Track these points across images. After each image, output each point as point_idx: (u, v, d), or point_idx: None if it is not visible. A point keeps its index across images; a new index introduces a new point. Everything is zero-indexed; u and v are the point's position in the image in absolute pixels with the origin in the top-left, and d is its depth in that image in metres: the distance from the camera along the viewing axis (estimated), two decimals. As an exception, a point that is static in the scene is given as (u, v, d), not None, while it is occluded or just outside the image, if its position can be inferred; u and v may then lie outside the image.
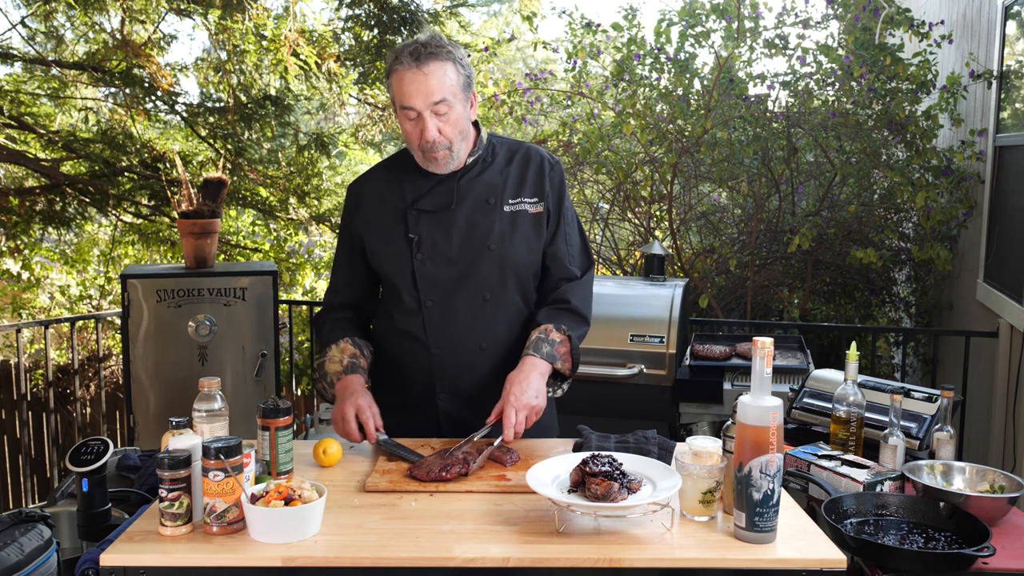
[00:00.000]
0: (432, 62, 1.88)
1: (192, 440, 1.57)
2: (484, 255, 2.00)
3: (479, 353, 2.03)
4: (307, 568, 1.43)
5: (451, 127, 1.92)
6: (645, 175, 5.23)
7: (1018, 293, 3.52)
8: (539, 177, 2.06)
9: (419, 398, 2.07)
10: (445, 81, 1.89)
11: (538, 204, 2.05)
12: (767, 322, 4.76)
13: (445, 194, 2.01)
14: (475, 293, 2.01)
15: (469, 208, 2.01)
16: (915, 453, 2.17)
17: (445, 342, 2.02)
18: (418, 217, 2.01)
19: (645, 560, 1.43)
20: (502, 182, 2.04)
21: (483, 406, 1.96)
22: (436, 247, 2.00)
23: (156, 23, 5.35)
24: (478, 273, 2.00)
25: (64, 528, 2.09)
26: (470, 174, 2.03)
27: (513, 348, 2.04)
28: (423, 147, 1.93)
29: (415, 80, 1.87)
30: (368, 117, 6.36)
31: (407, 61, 1.88)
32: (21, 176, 5.55)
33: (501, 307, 2.03)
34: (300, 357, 5.93)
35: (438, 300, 2.01)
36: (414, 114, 1.90)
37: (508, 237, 2.01)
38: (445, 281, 2.00)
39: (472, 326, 2.02)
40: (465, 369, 2.03)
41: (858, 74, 4.40)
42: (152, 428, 3.56)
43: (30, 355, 5.68)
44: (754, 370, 1.49)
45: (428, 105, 1.88)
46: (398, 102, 1.92)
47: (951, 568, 1.60)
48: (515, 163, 2.07)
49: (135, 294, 3.51)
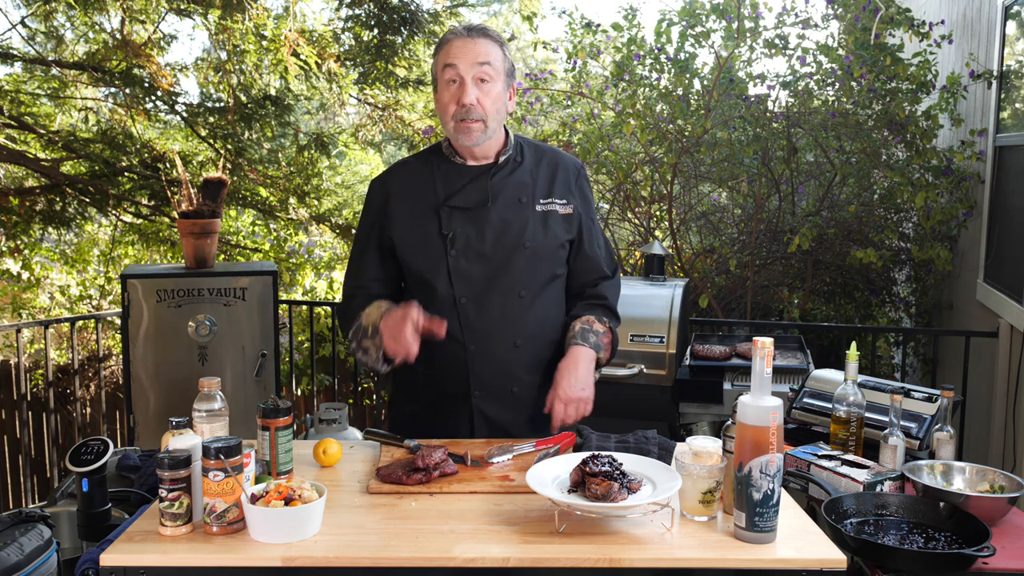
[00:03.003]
0: (483, 37, 1.96)
1: (192, 440, 1.57)
2: (519, 252, 2.01)
3: (513, 350, 2.03)
4: (307, 568, 1.43)
5: (490, 101, 1.95)
6: (645, 175, 5.23)
7: (1018, 293, 3.52)
8: (569, 180, 2.11)
9: (453, 396, 2.05)
10: (492, 53, 1.95)
11: (567, 206, 2.08)
12: (767, 322, 4.76)
13: (479, 191, 2.02)
14: (510, 290, 2.02)
15: (502, 206, 2.02)
16: (915, 453, 2.17)
17: (480, 339, 2.01)
18: (450, 214, 2.01)
19: (645, 560, 1.43)
20: (532, 182, 2.07)
21: (516, 403, 2.02)
22: (470, 244, 2.00)
23: (156, 23, 5.35)
24: (512, 270, 2.01)
25: (64, 528, 2.09)
26: (502, 172, 2.05)
27: (544, 345, 2.07)
28: (458, 114, 1.94)
29: (464, 45, 1.94)
30: (368, 117, 6.36)
31: (460, 32, 1.97)
32: (21, 176, 5.55)
33: (535, 304, 2.05)
34: (300, 357, 5.93)
35: (472, 297, 2.00)
36: (455, 76, 1.93)
37: (541, 235, 2.03)
38: (479, 278, 2.00)
39: (507, 323, 2.02)
40: (500, 366, 2.03)
41: (858, 74, 4.40)
42: (152, 428, 3.56)
43: (30, 355, 5.68)
44: (754, 370, 1.49)
45: (471, 67, 1.93)
46: (441, 62, 1.96)
47: (951, 568, 1.60)
48: (544, 164, 2.10)
49: (135, 294, 3.51)
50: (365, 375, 6.03)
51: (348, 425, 3.49)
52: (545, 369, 2.07)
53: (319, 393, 5.91)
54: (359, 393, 5.85)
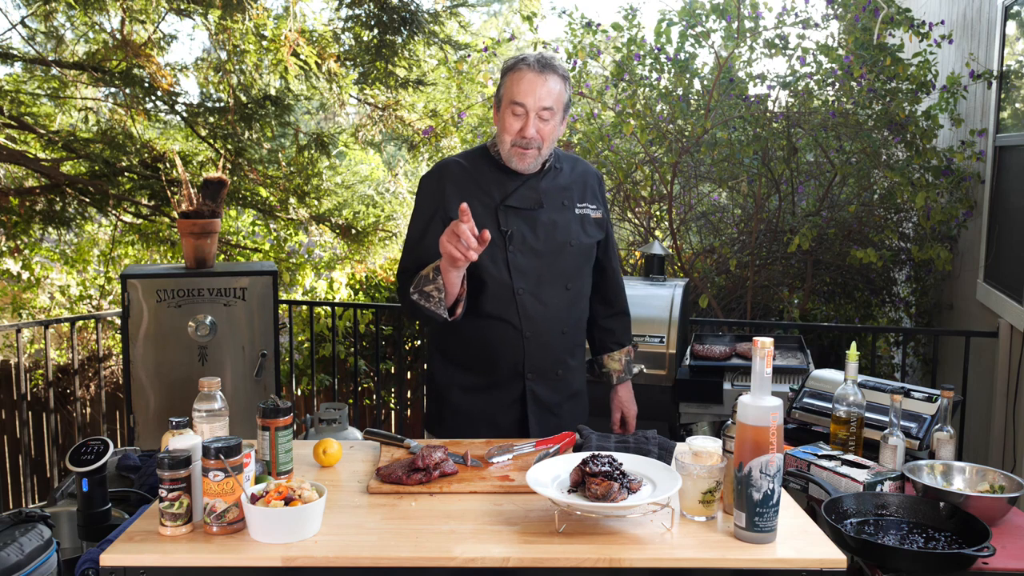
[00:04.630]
0: (553, 75, 2.11)
1: (192, 440, 1.57)
2: (566, 250, 2.23)
3: (561, 337, 2.25)
4: (307, 568, 1.43)
5: (548, 133, 2.14)
6: (645, 175, 5.23)
7: (1018, 293, 3.52)
8: (595, 187, 2.35)
9: (508, 378, 2.22)
10: (556, 92, 2.11)
11: (597, 211, 2.32)
12: (767, 322, 4.76)
13: (532, 194, 2.21)
14: (560, 283, 2.23)
15: (550, 208, 2.23)
16: (915, 453, 2.17)
17: (535, 327, 2.20)
18: (507, 213, 2.18)
19: (645, 560, 1.43)
20: (570, 188, 2.28)
21: (560, 384, 2.27)
22: (525, 241, 2.19)
23: (156, 23, 5.35)
24: (561, 265, 2.23)
25: (64, 528, 2.09)
26: (547, 178, 2.24)
27: (581, 332, 2.35)
28: (519, 142, 2.12)
29: (535, 81, 2.09)
30: (368, 117, 6.37)
31: (533, 64, 2.11)
32: (21, 176, 5.54)
33: (578, 296, 2.29)
34: (300, 357, 5.93)
35: (528, 289, 2.19)
36: (522, 111, 2.10)
37: (582, 235, 2.27)
38: (534, 272, 2.19)
39: (557, 312, 2.23)
40: (550, 351, 2.24)
41: (858, 74, 4.40)
42: (152, 428, 3.56)
43: (30, 355, 5.68)
44: (754, 370, 1.50)
45: (537, 107, 2.09)
46: (509, 96, 2.12)
47: (951, 568, 1.60)
48: (577, 172, 2.32)
49: (135, 294, 3.51)
50: (365, 375, 6.04)
51: (348, 425, 3.49)
52: (580, 354, 2.35)
53: (319, 393, 5.92)
54: (359, 393, 5.84)
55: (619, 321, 2.48)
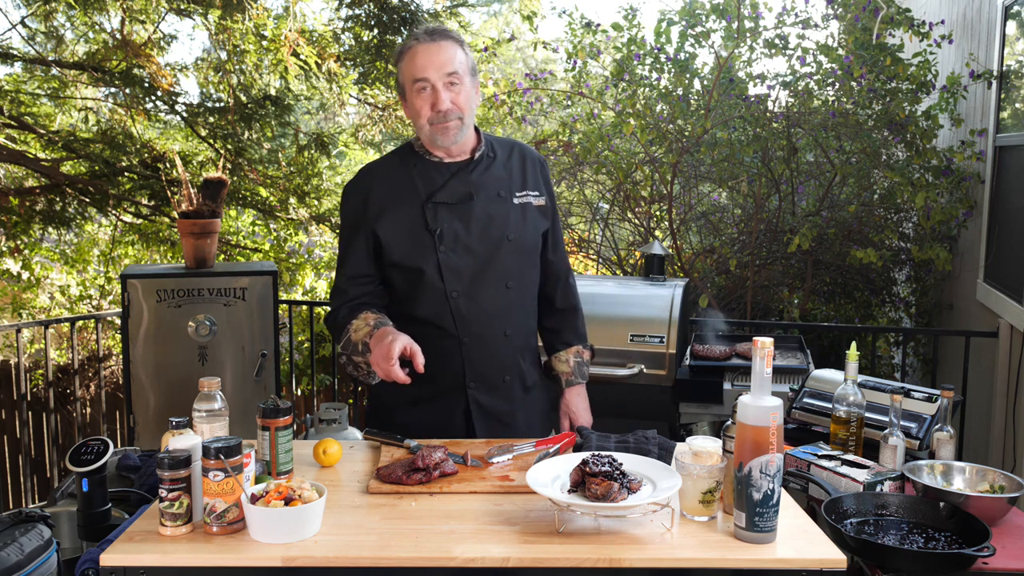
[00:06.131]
0: (446, 40, 2.00)
1: (192, 440, 1.57)
2: (504, 245, 2.07)
3: (504, 340, 2.10)
4: (307, 568, 1.43)
5: (464, 101, 2.01)
6: (645, 175, 5.23)
7: (1018, 293, 3.52)
8: (537, 172, 2.18)
9: (449, 388, 2.09)
10: (457, 57, 1.99)
11: (540, 197, 2.16)
12: (767, 322, 4.76)
13: (461, 187, 2.06)
14: (498, 282, 2.07)
15: (484, 200, 2.07)
16: (915, 453, 2.17)
17: (473, 331, 2.06)
18: (435, 210, 2.04)
19: (645, 560, 1.43)
20: (508, 176, 2.12)
21: (507, 392, 2.11)
22: (458, 239, 2.04)
23: (156, 23, 5.35)
24: (499, 262, 2.07)
25: (64, 528, 2.09)
26: (479, 168, 2.09)
27: (528, 333, 2.19)
28: (434, 119, 1.99)
29: (428, 52, 1.97)
30: (368, 117, 6.36)
31: (421, 38, 1.99)
32: (21, 176, 5.55)
33: (521, 294, 2.13)
34: (300, 357, 5.93)
35: (463, 290, 2.05)
36: (427, 86, 1.98)
37: (522, 228, 2.10)
38: (468, 272, 2.05)
39: (497, 314, 2.08)
40: (492, 356, 2.09)
41: (858, 74, 4.40)
42: (152, 428, 3.56)
43: (30, 355, 5.68)
44: (754, 370, 1.49)
45: (441, 76, 1.97)
46: (410, 76, 1.99)
47: (951, 568, 1.60)
48: (514, 158, 2.15)
49: (135, 294, 3.51)
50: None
51: (348, 425, 3.48)
52: (531, 357, 2.19)
53: (319, 393, 5.91)
54: (359, 393, 5.84)
55: (565, 319, 2.27)
